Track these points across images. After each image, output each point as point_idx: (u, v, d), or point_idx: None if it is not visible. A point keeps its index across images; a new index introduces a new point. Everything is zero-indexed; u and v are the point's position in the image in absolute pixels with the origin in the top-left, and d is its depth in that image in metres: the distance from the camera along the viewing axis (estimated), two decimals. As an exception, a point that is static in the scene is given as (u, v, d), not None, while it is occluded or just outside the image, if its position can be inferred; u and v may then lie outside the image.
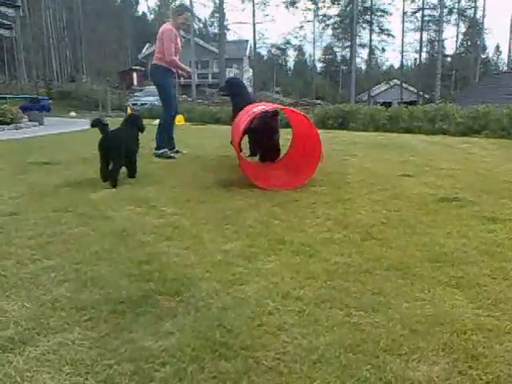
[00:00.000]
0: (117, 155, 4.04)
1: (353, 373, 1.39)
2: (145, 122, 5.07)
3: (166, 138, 5.92)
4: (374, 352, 1.49)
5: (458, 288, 1.96)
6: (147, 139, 8.33)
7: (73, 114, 23.92)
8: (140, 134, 4.54)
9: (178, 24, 5.60)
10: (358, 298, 1.87)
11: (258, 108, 4.39)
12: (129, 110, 17.93)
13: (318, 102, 30.06)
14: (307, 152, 4.27)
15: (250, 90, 40.63)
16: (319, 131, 4.11)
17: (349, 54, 43.64)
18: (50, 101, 27.02)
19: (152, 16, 61.32)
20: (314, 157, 4.05)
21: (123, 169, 4.24)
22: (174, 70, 5.82)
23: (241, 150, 4.58)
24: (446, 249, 2.42)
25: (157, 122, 6.62)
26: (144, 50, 44.58)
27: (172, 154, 5.84)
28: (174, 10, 5.82)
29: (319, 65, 58.78)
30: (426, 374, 1.38)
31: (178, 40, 5.71)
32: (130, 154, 4.27)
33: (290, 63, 66.46)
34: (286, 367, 1.42)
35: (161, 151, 5.83)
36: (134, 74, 41.23)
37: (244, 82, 7.06)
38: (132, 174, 4.41)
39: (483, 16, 41.40)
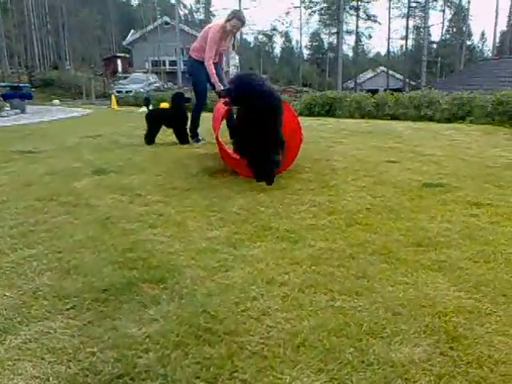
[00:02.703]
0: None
1: (336, 356, 1.40)
2: (129, 110, 5.02)
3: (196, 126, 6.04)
4: (357, 335, 1.51)
5: (440, 271, 1.99)
6: (130, 128, 8.24)
7: (56, 101, 23.52)
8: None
9: (228, 28, 5.55)
10: (342, 283, 1.89)
11: None
12: (113, 98, 17.70)
13: (306, 89, 30.03)
14: (289, 137, 4.24)
15: (236, 77, 40.38)
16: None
17: (336, 40, 43.46)
18: (33, 89, 26.50)
19: (136, 2, 60.25)
20: (295, 141, 4.02)
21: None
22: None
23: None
24: (429, 233, 2.45)
25: (142, 109, 6.55)
26: (129, 37, 43.84)
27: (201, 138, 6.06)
28: (228, 13, 5.72)
29: (306, 52, 58.55)
30: (407, 356, 1.40)
31: (224, 41, 5.66)
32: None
33: (277, 50, 66.03)
34: (270, 351, 1.43)
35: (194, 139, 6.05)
36: (119, 61, 40.62)
37: (230, 69, 7.05)
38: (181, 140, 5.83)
39: (469, 2, 41.53)
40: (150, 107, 6.00)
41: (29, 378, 1.33)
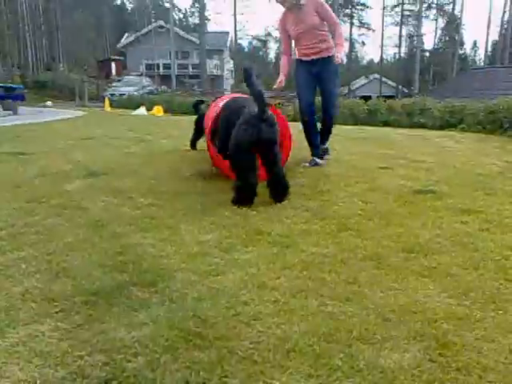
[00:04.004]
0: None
1: (325, 361, 1.40)
2: (123, 112, 5.01)
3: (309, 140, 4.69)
4: (347, 341, 1.51)
5: (430, 278, 2.00)
6: (123, 130, 8.22)
7: (49, 103, 23.41)
8: None
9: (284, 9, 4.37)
10: (333, 288, 1.89)
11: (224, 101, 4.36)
12: (106, 100, 17.65)
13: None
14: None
15: (231, 81, 40.05)
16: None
17: (329, 47, 43.69)
18: (25, 90, 26.33)
19: (131, 5, 60.29)
20: (284, 144, 4.02)
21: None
22: (307, 59, 4.61)
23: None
24: (420, 239, 2.46)
25: (135, 112, 6.52)
26: (123, 40, 43.81)
27: (318, 161, 4.58)
28: None
29: (300, 58, 58.75)
30: (397, 362, 1.40)
31: (290, 24, 4.43)
32: None
33: (272, 55, 66.23)
34: (260, 356, 1.42)
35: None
36: (113, 64, 40.57)
37: (225, 73, 6.86)
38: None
39: (461, 11, 42.01)
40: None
41: (16, 381, 1.31)
